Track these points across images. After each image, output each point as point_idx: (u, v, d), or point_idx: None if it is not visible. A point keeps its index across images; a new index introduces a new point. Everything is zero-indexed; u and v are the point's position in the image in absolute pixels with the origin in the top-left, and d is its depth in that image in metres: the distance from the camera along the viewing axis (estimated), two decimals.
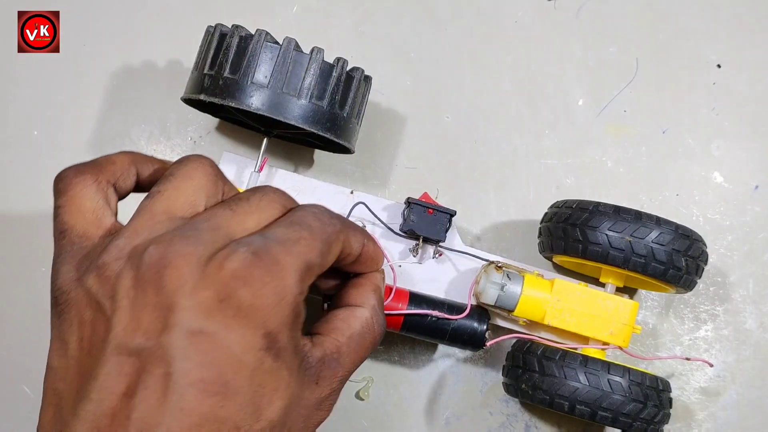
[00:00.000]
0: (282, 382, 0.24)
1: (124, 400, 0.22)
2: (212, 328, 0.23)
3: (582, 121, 0.50)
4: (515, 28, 0.51)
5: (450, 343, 0.43)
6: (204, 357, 0.22)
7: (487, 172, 0.50)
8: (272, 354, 0.23)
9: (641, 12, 0.51)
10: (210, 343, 0.22)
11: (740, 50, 0.51)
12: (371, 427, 0.48)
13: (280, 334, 0.24)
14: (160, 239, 0.24)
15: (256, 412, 0.23)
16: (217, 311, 0.23)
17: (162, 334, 0.22)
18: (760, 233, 0.49)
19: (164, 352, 0.22)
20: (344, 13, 0.51)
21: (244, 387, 0.23)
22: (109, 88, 0.50)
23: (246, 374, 0.23)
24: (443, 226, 0.43)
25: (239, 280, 0.23)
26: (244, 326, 0.23)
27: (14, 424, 0.48)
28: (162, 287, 0.23)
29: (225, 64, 0.39)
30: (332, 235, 0.27)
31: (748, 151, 0.50)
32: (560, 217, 0.42)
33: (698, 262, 0.41)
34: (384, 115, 0.50)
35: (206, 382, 0.22)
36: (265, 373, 0.23)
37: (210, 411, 0.22)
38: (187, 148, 0.50)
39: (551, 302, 0.41)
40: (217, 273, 0.23)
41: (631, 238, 0.39)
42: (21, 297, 0.49)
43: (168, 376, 0.22)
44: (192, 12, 0.51)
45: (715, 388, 0.48)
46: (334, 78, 0.40)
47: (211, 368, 0.22)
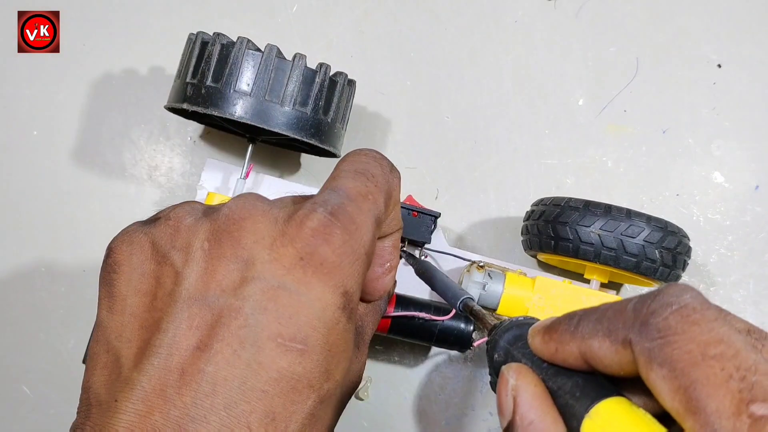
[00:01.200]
0: (349, 343, 0.24)
1: (196, 354, 0.21)
2: (293, 285, 0.22)
3: (582, 121, 0.50)
4: (515, 28, 0.51)
5: (438, 344, 0.43)
6: (284, 312, 0.22)
7: (487, 172, 0.50)
8: (347, 313, 0.23)
9: (641, 12, 0.51)
10: (290, 298, 0.22)
11: (740, 50, 0.51)
12: (371, 427, 0.47)
13: (355, 294, 0.24)
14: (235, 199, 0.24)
15: (327, 371, 0.23)
16: (298, 268, 0.22)
17: (240, 287, 0.22)
18: (761, 233, 0.49)
19: (242, 305, 0.22)
20: (344, 13, 0.51)
21: (320, 345, 0.22)
22: (109, 88, 0.50)
23: (323, 332, 0.22)
24: (428, 228, 0.43)
25: (320, 237, 0.23)
26: (325, 283, 0.23)
27: (14, 424, 0.48)
28: (240, 240, 0.23)
29: (207, 73, 0.38)
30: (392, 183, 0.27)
31: (749, 150, 0.50)
32: (536, 214, 0.42)
33: (675, 254, 0.40)
34: (384, 115, 0.50)
35: (285, 337, 0.22)
36: (339, 332, 0.23)
37: (287, 367, 0.21)
38: (186, 148, 0.50)
39: (533, 300, 0.41)
40: (297, 231, 0.23)
41: (600, 231, 0.40)
42: (21, 297, 0.49)
43: (245, 329, 0.21)
44: (192, 12, 0.51)
45: None
46: (317, 84, 0.39)
47: (291, 324, 0.22)
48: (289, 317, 0.22)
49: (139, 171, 0.50)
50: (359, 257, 0.24)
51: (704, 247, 0.49)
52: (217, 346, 0.21)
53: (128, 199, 0.50)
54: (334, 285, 0.23)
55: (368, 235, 0.24)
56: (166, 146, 0.50)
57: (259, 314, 0.22)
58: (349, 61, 0.51)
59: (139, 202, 0.50)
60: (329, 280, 0.23)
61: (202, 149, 0.49)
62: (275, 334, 0.21)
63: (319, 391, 0.22)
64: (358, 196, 0.25)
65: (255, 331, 0.21)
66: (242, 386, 0.21)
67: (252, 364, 0.21)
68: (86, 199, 0.49)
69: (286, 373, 0.21)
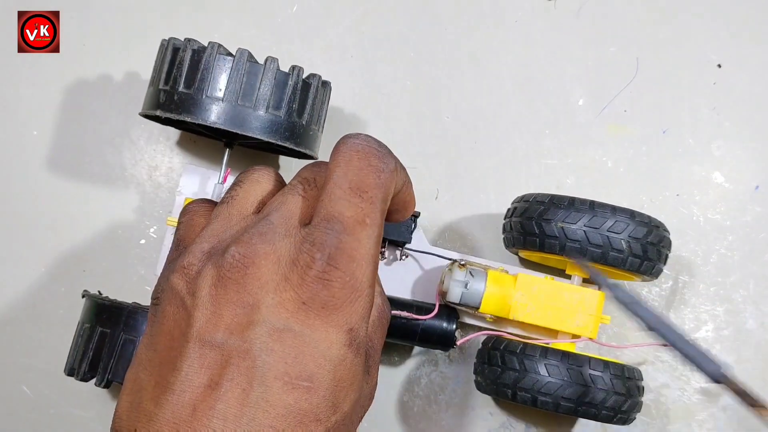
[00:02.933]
0: (357, 376, 0.25)
1: (207, 392, 0.23)
2: (297, 327, 0.24)
3: (582, 121, 0.50)
4: (515, 28, 0.51)
5: (421, 344, 0.43)
6: (289, 352, 0.23)
7: (487, 172, 0.50)
8: (353, 349, 0.25)
9: (641, 12, 0.51)
10: (295, 339, 0.23)
11: (741, 50, 0.51)
12: (371, 427, 0.47)
13: (360, 329, 0.25)
14: (239, 239, 0.25)
15: (334, 405, 0.24)
16: (301, 312, 0.24)
17: (247, 329, 0.24)
18: (761, 233, 0.49)
19: (249, 347, 0.23)
20: (344, 13, 0.51)
21: (326, 381, 0.24)
22: (109, 88, 0.50)
23: (329, 368, 0.24)
24: (408, 227, 0.43)
25: (320, 284, 0.24)
26: (328, 324, 0.24)
27: (14, 424, 0.48)
28: (244, 285, 0.24)
29: (179, 79, 0.38)
30: (389, 185, 0.28)
31: (749, 151, 0.50)
32: (510, 212, 0.43)
33: (646, 244, 0.40)
34: (384, 115, 0.50)
35: (291, 376, 0.23)
36: (346, 368, 0.24)
37: (294, 403, 0.23)
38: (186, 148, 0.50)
39: (515, 297, 0.41)
40: (300, 278, 0.24)
41: (563, 224, 0.40)
42: (21, 297, 0.49)
43: (253, 369, 0.23)
44: (191, 12, 0.51)
45: (715, 388, 0.48)
46: (290, 87, 0.39)
47: (296, 363, 0.23)
48: (295, 357, 0.23)
49: (139, 171, 0.50)
50: (362, 293, 0.25)
51: (704, 247, 0.49)
52: (227, 385, 0.23)
53: (128, 199, 0.50)
54: (337, 324, 0.24)
55: (368, 269, 0.25)
56: (165, 146, 0.50)
57: (266, 355, 0.23)
58: (349, 62, 0.51)
59: (139, 202, 0.50)
60: (332, 321, 0.24)
61: (200, 150, 0.49)
62: (282, 374, 0.23)
63: (326, 423, 0.24)
64: (356, 226, 0.26)
65: (262, 371, 0.23)
66: (251, 422, 0.22)
67: (260, 402, 0.23)
68: (86, 199, 0.49)
69: (293, 409, 0.23)
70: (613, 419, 0.41)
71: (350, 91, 0.50)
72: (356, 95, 0.50)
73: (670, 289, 0.48)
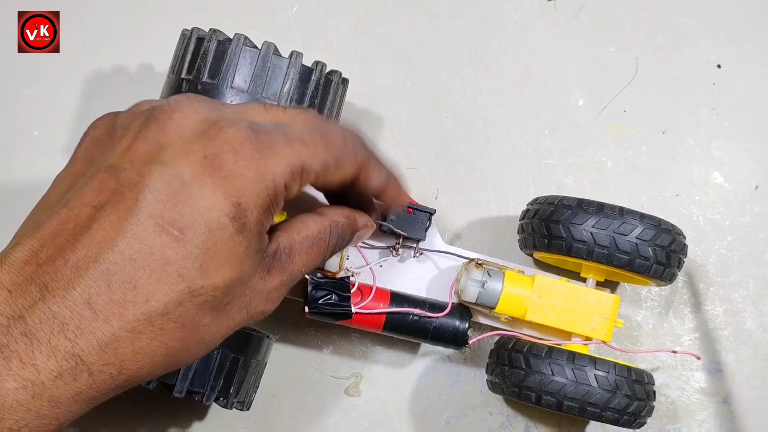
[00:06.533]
0: (237, 255, 0.25)
1: (91, 212, 0.24)
2: (188, 177, 0.24)
3: (582, 121, 0.50)
4: (515, 28, 0.51)
5: (432, 342, 0.43)
6: (171, 198, 0.24)
7: (487, 172, 0.50)
8: (236, 225, 0.25)
9: (641, 12, 0.51)
10: (182, 187, 0.24)
11: (740, 50, 0.51)
12: (371, 427, 0.48)
13: (249, 211, 0.25)
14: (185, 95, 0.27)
15: (202, 268, 0.24)
16: (197, 164, 0.25)
17: (145, 164, 0.25)
18: (760, 233, 0.49)
19: (140, 180, 0.24)
20: (344, 13, 0.52)
21: (197, 239, 0.24)
22: (109, 88, 0.50)
23: (203, 229, 0.24)
24: (423, 225, 0.43)
25: (228, 144, 0.25)
26: (217, 186, 0.25)
27: None
28: (164, 127, 0.26)
29: (203, 69, 0.38)
30: (348, 156, 0.29)
31: (748, 151, 0.50)
32: (531, 213, 0.43)
33: (669, 252, 0.40)
34: (384, 115, 0.50)
35: (164, 219, 0.24)
36: (223, 239, 0.25)
37: (158, 246, 0.24)
38: None
39: (532, 298, 0.41)
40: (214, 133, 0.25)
41: (592, 229, 0.40)
42: None
43: (135, 202, 0.24)
44: (191, 12, 0.51)
45: (715, 388, 0.48)
46: (313, 82, 0.39)
47: (173, 210, 0.24)
48: (175, 204, 0.24)
49: None
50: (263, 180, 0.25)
51: (704, 247, 0.49)
52: (107, 210, 0.24)
53: None
54: (226, 191, 0.25)
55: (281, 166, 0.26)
56: None
57: (150, 194, 0.24)
58: (349, 62, 0.51)
59: None
60: (222, 186, 0.25)
61: None
62: (157, 214, 0.24)
63: (189, 283, 0.24)
64: (297, 139, 0.27)
65: (141, 207, 0.24)
66: (114, 248, 0.23)
67: (128, 233, 0.23)
68: None
69: (156, 251, 0.24)
70: (630, 423, 0.40)
71: (350, 91, 0.50)
72: (356, 95, 0.50)
73: (670, 289, 0.48)
